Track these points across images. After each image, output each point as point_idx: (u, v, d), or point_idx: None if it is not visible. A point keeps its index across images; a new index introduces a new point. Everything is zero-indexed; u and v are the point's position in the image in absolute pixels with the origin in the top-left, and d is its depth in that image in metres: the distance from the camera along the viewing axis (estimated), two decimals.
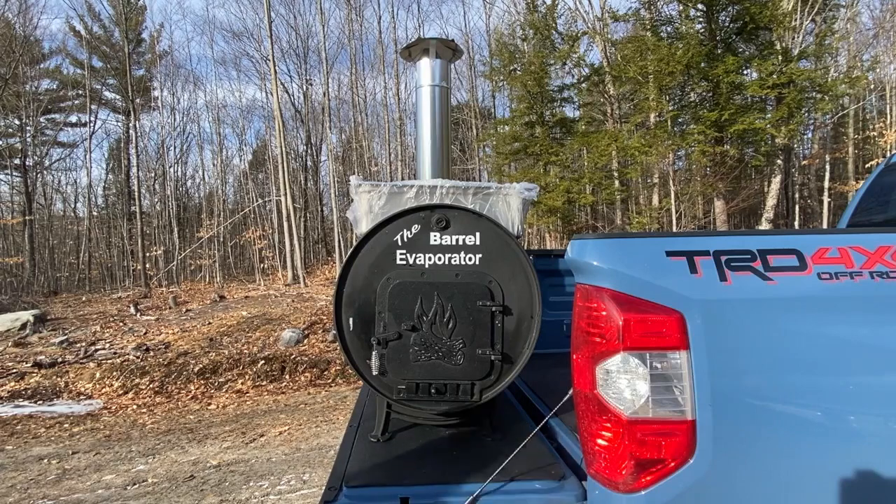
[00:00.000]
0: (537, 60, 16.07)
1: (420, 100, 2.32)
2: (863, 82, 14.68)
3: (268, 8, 17.89)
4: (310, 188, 27.17)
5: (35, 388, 7.40)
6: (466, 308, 1.58)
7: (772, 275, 1.04)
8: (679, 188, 15.04)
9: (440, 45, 2.24)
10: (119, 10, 24.28)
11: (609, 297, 1.05)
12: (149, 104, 26.99)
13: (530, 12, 17.15)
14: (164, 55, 27.20)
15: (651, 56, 12.77)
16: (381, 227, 1.64)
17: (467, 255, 1.62)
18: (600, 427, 1.07)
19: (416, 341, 1.58)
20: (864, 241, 1.08)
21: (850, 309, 1.05)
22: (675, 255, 1.05)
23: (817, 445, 1.02)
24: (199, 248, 22.32)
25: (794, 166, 17.06)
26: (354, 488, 1.28)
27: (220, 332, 10.17)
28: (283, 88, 23.88)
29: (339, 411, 6.11)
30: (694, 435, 1.01)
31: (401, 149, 24.04)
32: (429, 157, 2.30)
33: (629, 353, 1.03)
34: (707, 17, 12.53)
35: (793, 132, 12.38)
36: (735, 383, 1.03)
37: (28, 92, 23.18)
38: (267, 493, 3.70)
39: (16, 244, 23.60)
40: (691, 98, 13.86)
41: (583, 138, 15.26)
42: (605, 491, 1.09)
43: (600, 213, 19.98)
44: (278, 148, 18.79)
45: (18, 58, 20.83)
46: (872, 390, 1.02)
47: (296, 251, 18.62)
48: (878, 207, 2.78)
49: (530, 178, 15.19)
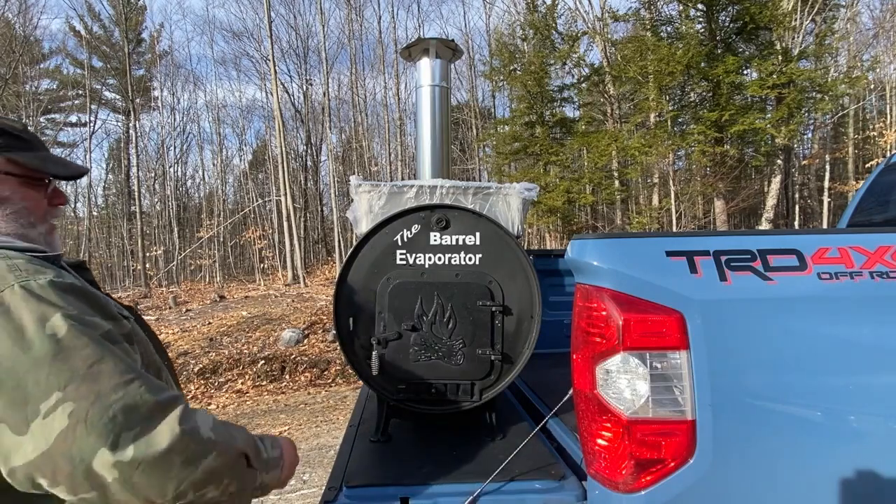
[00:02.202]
0: (537, 60, 16.08)
1: (420, 100, 2.32)
2: (863, 82, 14.68)
3: (268, 8, 17.90)
4: (310, 188, 27.18)
5: None
6: (466, 308, 1.58)
7: (772, 275, 1.04)
8: (679, 188, 15.04)
9: (440, 45, 2.24)
10: (119, 10, 24.29)
11: (609, 297, 1.05)
12: (149, 104, 27.00)
13: (530, 12, 17.15)
14: (164, 55, 27.22)
15: (651, 56, 12.78)
16: (381, 227, 1.64)
17: (467, 255, 1.62)
18: (600, 427, 1.07)
19: (416, 341, 1.57)
20: (864, 241, 1.08)
21: (850, 309, 1.05)
22: (675, 255, 1.05)
23: (817, 445, 1.02)
24: (199, 248, 22.32)
25: (794, 166, 17.06)
26: (354, 488, 1.28)
27: (219, 332, 10.17)
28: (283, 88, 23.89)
29: (339, 411, 6.11)
30: (694, 435, 1.01)
31: (401, 149, 24.05)
32: (429, 157, 2.30)
33: (629, 353, 1.03)
34: (707, 17, 12.53)
35: (793, 132, 12.38)
36: (735, 383, 1.03)
37: (28, 92, 23.20)
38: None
39: None
40: (691, 98, 13.86)
41: (583, 138, 15.26)
42: (605, 491, 1.09)
43: (600, 213, 19.99)
44: (278, 148, 18.80)
45: (18, 58, 20.83)
46: (872, 390, 1.02)
47: (296, 251, 18.62)
48: (878, 207, 2.78)
49: (530, 178, 15.19)
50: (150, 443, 0.70)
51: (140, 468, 0.69)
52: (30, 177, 0.94)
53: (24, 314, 0.71)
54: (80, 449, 0.67)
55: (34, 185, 0.95)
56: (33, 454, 0.66)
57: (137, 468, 0.69)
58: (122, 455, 0.68)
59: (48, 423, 0.67)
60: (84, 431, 0.67)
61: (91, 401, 0.69)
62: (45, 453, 0.66)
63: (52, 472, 0.67)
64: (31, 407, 0.67)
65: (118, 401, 0.70)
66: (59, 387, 0.68)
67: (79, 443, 0.67)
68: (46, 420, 0.67)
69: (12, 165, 0.91)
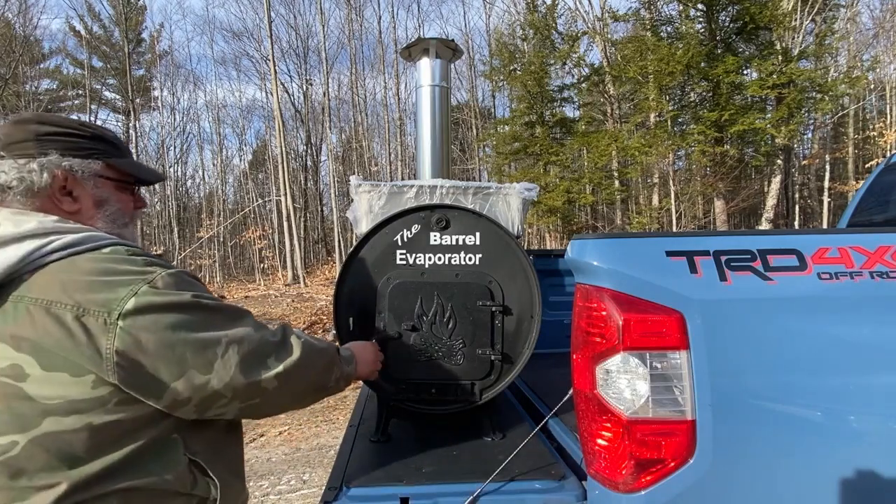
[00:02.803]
0: (537, 60, 16.09)
1: (420, 100, 2.32)
2: (863, 82, 14.69)
3: (268, 8, 17.91)
4: (310, 188, 27.18)
5: None
6: (466, 308, 1.58)
7: (772, 275, 1.04)
8: (679, 188, 15.05)
9: (440, 45, 2.24)
10: (119, 10, 24.29)
11: (609, 297, 1.05)
12: (149, 104, 27.01)
13: (530, 12, 17.15)
14: (164, 55, 27.23)
15: (651, 56, 12.79)
16: (381, 226, 1.64)
17: (467, 255, 1.62)
18: (600, 427, 1.07)
19: (416, 341, 1.58)
20: (864, 241, 1.08)
21: (850, 309, 1.05)
22: (675, 255, 1.05)
23: (817, 445, 1.02)
24: (199, 248, 22.33)
25: (794, 166, 17.06)
26: (354, 488, 1.28)
27: None
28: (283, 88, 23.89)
29: (339, 411, 6.11)
30: (694, 435, 1.01)
31: (401, 149, 24.06)
32: (429, 157, 2.30)
33: (629, 353, 1.03)
34: (707, 17, 12.54)
35: (793, 132, 12.39)
36: (735, 383, 1.03)
37: (28, 92, 23.20)
38: (267, 493, 3.70)
39: None
40: (691, 98, 13.87)
41: (583, 138, 15.27)
42: (605, 491, 1.09)
43: (600, 213, 20.00)
44: (278, 148, 18.81)
45: (18, 58, 20.83)
46: (872, 390, 1.02)
47: (296, 251, 18.63)
48: (878, 207, 2.78)
49: (530, 178, 15.19)
50: (290, 356, 1.01)
51: (290, 374, 1.00)
52: (123, 181, 1.06)
53: (181, 292, 0.91)
54: (250, 375, 0.94)
55: (125, 189, 1.07)
56: (219, 385, 0.90)
57: (288, 375, 1.00)
58: (277, 369, 0.98)
59: (226, 361, 0.91)
60: (251, 363, 0.94)
61: (247, 341, 0.95)
62: (228, 383, 0.91)
63: (233, 393, 0.93)
64: (210, 352, 0.90)
65: (261, 337, 0.99)
66: (224, 336, 0.93)
67: (249, 372, 0.94)
68: (223, 359, 0.91)
69: (110, 170, 1.03)
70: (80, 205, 0.98)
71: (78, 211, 0.98)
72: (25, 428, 0.81)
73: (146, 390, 0.86)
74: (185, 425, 0.94)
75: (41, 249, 0.86)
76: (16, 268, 0.84)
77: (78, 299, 0.83)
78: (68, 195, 0.97)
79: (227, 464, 1.02)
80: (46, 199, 0.95)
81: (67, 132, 0.98)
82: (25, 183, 0.92)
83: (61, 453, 0.82)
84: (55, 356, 0.82)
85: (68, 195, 0.97)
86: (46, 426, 0.81)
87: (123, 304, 0.84)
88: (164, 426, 0.91)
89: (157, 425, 0.90)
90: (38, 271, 0.85)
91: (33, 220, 0.89)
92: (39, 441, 0.81)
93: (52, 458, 0.81)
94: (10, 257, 0.83)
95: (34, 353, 0.81)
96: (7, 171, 0.92)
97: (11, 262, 0.83)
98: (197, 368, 0.88)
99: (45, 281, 0.84)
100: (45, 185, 0.93)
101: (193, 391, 0.88)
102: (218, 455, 1.00)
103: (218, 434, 1.02)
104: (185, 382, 0.87)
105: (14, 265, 0.84)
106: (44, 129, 0.96)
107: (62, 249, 0.87)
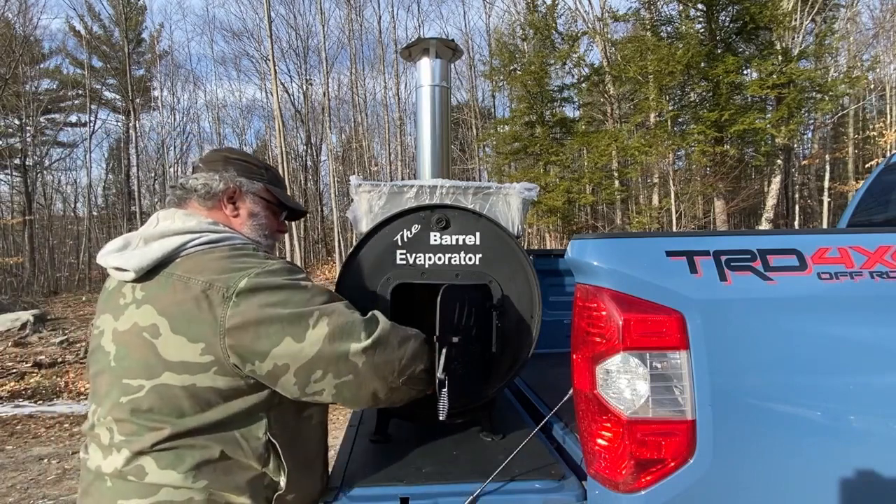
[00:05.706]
0: (537, 60, 16.09)
1: (420, 100, 2.32)
2: (863, 82, 14.70)
3: (268, 8, 17.90)
4: (310, 188, 27.18)
5: (35, 388, 7.39)
6: (466, 308, 1.57)
7: (772, 275, 1.04)
8: (679, 188, 15.05)
9: (440, 45, 2.24)
10: (119, 10, 24.30)
11: (609, 297, 1.05)
12: (149, 104, 27.02)
13: (530, 12, 17.16)
14: (164, 55, 27.24)
15: (651, 56, 12.79)
16: (381, 226, 1.63)
17: (467, 255, 1.62)
18: (600, 427, 1.07)
19: None
20: (864, 241, 1.08)
21: (850, 309, 1.04)
22: (675, 255, 1.05)
23: (817, 445, 1.02)
24: None
25: (794, 166, 17.07)
26: (354, 488, 1.28)
27: None
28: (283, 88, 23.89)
29: (339, 411, 6.11)
30: (694, 435, 1.01)
31: (401, 149, 24.06)
32: (429, 157, 2.30)
33: (629, 353, 1.03)
34: (707, 17, 12.55)
35: (793, 132, 12.40)
36: (735, 383, 1.03)
37: (28, 92, 23.19)
38: None
39: (16, 244, 23.61)
40: (691, 98, 13.88)
41: (583, 138, 15.28)
42: (605, 491, 1.09)
43: (600, 213, 20.01)
44: (278, 148, 18.80)
45: (18, 58, 20.84)
46: (873, 390, 1.02)
47: (296, 251, 18.64)
48: (878, 207, 2.78)
49: (530, 178, 15.19)
50: (376, 334, 1.12)
51: (376, 351, 1.11)
52: (274, 204, 1.34)
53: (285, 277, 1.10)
54: (340, 345, 1.07)
55: (274, 212, 1.35)
56: (311, 352, 1.05)
57: (375, 351, 1.11)
58: (364, 344, 1.09)
59: (317, 332, 1.06)
60: (340, 334, 1.08)
61: (338, 315, 1.10)
62: (319, 351, 1.05)
63: (326, 364, 1.06)
64: (304, 322, 1.06)
65: (350, 315, 1.13)
66: (317, 310, 1.08)
67: (339, 342, 1.07)
68: (315, 329, 1.06)
69: (267, 193, 1.31)
70: (239, 212, 1.27)
71: (236, 216, 1.27)
72: (151, 376, 1.02)
73: (251, 353, 1.03)
74: (273, 409, 1.10)
75: (192, 241, 1.12)
76: (172, 252, 1.10)
77: (208, 277, 1.05)
78: (232, 203, 1.26)
79: (301, 455, 1.15)
80: (217, 202, 1.25)
81: (246, 160, 1.32)
82: (207, 188, 1.23)
83: (171, 403, 1.02)
84: (181, 321, 1.03)
85: (232, 203, 1.26)
86: (164, 378, 1.02)
87: (238, 283, 1.04)
88: (254, 403, 1.08)
89: (248, 400, 1.07)
90: (188, 256, 1.10)
91: (194, 220, 1.17)
92: (158, 390, 1.02)
93: (164, 406, 1.02)
94: (169, 244, 1.10)
95: (169, 316, 1.04)
96: (198, 178, 1.24)
97: (169, 249, 1.10)
98: (293, 336, 1.04)
99: (189, 263, 1.09)
100: (219, 191, 1.24)
101: (290, 358, 1.04)
102: (295, 445, 1.14)
103: (300, 425, 1.18)
104: (282, 348, 1.04)
105: (171, 251, 1.10)
106: (231, 155, 1.31)
107: (207, 243, 1.13)
